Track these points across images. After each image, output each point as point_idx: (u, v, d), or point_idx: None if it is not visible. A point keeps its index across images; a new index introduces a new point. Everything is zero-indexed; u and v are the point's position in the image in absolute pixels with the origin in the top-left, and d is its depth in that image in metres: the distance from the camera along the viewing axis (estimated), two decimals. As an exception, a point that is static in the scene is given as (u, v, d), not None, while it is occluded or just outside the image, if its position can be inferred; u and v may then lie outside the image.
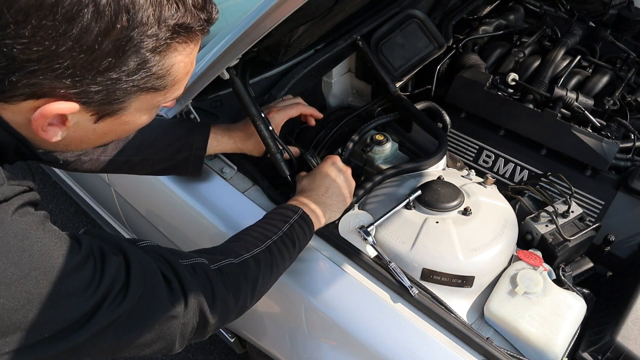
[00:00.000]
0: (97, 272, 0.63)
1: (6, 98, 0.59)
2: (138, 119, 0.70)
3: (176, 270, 0.73)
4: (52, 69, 0.56)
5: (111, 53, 0.58)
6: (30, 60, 0.55)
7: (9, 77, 0.56)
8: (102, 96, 0.61)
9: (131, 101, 0.65)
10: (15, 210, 0.58)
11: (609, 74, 1.50)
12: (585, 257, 1.17)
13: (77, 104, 0.61)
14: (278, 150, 1.15)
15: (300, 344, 1.12)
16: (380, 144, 1.30)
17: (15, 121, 0.62)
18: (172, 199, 1.25)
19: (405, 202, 1.06)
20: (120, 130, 0.70)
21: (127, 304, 0.65)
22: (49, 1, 0.53)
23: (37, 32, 0.54)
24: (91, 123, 0.65)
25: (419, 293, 0.95)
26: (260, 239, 0.89)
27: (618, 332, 0.92)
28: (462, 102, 1.44)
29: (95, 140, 0.70)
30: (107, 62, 0.58)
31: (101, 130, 0.67)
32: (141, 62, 0.60)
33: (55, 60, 0.56)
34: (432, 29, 1.38)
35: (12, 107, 0.60)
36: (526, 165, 1.35)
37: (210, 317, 0.76)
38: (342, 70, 1.59)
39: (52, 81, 0.57)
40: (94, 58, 0.57)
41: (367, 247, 1.03)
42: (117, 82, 0.61)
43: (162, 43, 0.61)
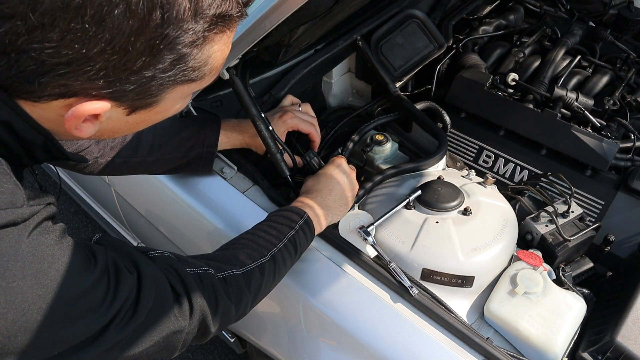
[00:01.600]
0: (111, 290, 0.62)
1: (36, 98, 0.58)
2: (171, 107, 0.68)
3: (185, 283, 0.73)
4: (84, 71, 0.55)
5: (145, 52, 0.56)
6: (60, 64, 0.54)
7: (38, 79, 0.55)
8: (136, 93, 0.60)
9: (166, 93, 0.63)
10: (31, 231, 0.56)
11: (609, 74, 1.50)
12: (585, 257, 1.17)
13: (109, 102, 0.59)
14: (278, 150, 1.15)
15: (300, 344, 1.12)
16: (380, 144, 1.30)
17: (45, 117, 0.61)
18: (172, 199, 1.25)
19: (405, 202, 1.06)
20: (153, 119, 0.68)
21: (136, 321, 0.65)
22: (75, 3, 0.51)
23: (65, 36, 0.52)
24: (124, 116, 0.63)
25: (419, 293, 0.95)
26: (265, 246, 0.89)
27: (618, 332, 0.92)
28: (462, 102, 1.44)
29: (127, 130, 0.69)
30: (141, 62, 0.56)
31: (134, 121, 0.66)
32: (177, 57, 0.58)
33: (87, 63, 0.54)
34: (432, 29, 1.38)
35: (42, 105, 0.59)
36: (526, 165, 1.35)
37: (212, 325, 0.77)
38: (342, 70, 1.59)
39: (83, 83, 0.56)
40: (128, 59, 0.55)
41: (367, 247, 1.03)
42: (151, 80, 0.59)
43: (200, 37, 0.59)
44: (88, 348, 0.61)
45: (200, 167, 1.14)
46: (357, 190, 1.11)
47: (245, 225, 1.12)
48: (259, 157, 1.27)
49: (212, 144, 1.12)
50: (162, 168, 1.14)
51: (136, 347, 0.67)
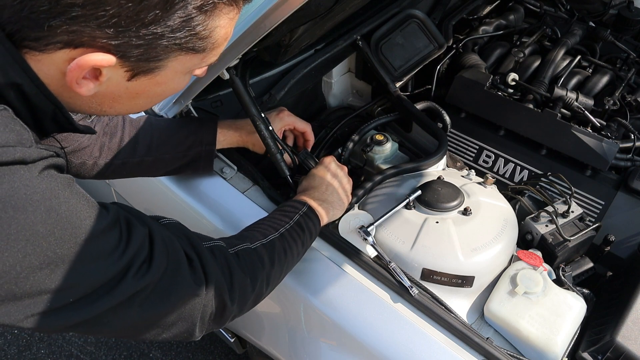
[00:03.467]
0: (123, 239, 0.61)
1: (42, 46, 0.57)
2: (171, 81, 0.68)
3: (198, 251, 0.72)
4: (96, 16, 0.54)
5: (159, 5, 0.56)
6: (74, 5, 0.53)
7: (48, 22, 0.54)
8: (142, 51, 0.59)
9: (169, 60, 0.63)
10: (41, 171, 0.56)
11: (609, 74, 1.50)
12: (585, 257, 1.17)
13: (114, 57, 0.58)
14: (278, 150, 1.15)
15: (300, 344, 1.12)
16: (380, 144, 1.30)
17: (49, 74, 0.60)
18: (172, 199, 1.25)
19: (405, 202, 1.06)
20: (153, 93, 0.68)
21: (152, 276, 0.63)
22: None
23: None
24: (124, 80, 0.63)
25: (419, 293, 0.95)
26: (273, 226, 0.90)
27: (618, 332, 0.92)
28: (462, 102, 1.44)
29: (126, 100, 0.67)
30: (154, 15, 0.56)
31: (134, 89, 0.65)
32: (187, 18, 0.59)
33: (102, 6, 0.54)
34: (432, 29, 1.38)
35: (46, 58, 0.58)
36: (526, 165, 1.35)
37: (229, 301, 0.75)
38: (342, 70, 1.59)
39: (93, 29, 0.55)
40: (142, 8, 0.55)
41: (367, 247, 1.03)
42: (159, 38, 0.59)
43: (210, 2, 0.59)
44: (104, 298, 0.59)
45: (201, 166, 1.14)
46: (351, 185, 1.11)
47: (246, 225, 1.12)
48: (259, 157, 1.27)
49: (210, 142, 1.12)
50: (162, 169, 1.14)
51: (154, 307, 0.65)
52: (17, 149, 0.54)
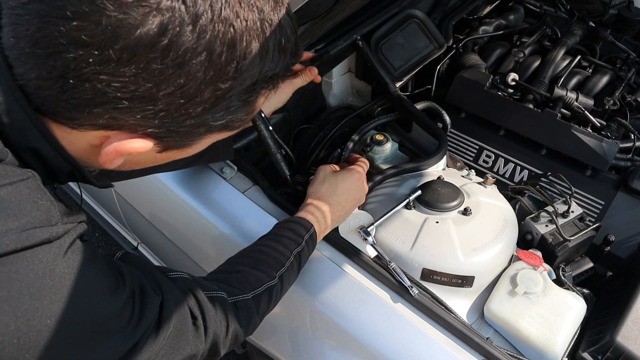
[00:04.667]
0: (136, 312, 0.61)
1: (76, 125, 0.56)
2: (198, 150, 0.67)
3: (202, 307, 0.73)
4: (143, 109, 0.54)
5: (209, 100, 0.56)
6: (122, 98, 0.52)
7: (90, 108, 0.53)
8: (181, 136, 0.59)
9: (205, 139, 0.63)
10: (66, 251, 0.55)
11: (609, 74, 1.50)
12: (585, 257, 1.17)
13: (152, 141, 0.58)
14: (278, 150, 1.15)
15: (300, 344, 1.12)
16: (380, 144, 1.30)
17: (74, 145, 0.59)
18: (172, 199, 1.25)
19: (405, 202, 1.06)
20: (178, 157, 0.67)
21: (158, 344, 0.64)
22: (162, 43, 0.49)
23: (139, 73, 0.51)
24: (154, 153, 0.62)
25: (419, 293, 0.95)
26: (273, 266, 0.89)
27: (618, 332, 0.92)
28: (462, 102, 1.44)
29: (149, 164, 0.67)
30: (202, 109, 0.56)
31: (161, 158, 0.65)
32: (232, 109, 0.59)
33: (151, 102, 0.53)
34: (432, 29, 1.38)
35: (76, 133, 0.57)
36: (526, 165, 1.35)
37: (221, 348, 0.78)
38: (342, 70, 1.59)
39: (137, 120, 0.55)
40: (191, 104, 0.55)
41: (367, 247, 1.03)
42: (201, 125, 0.59)
43: (257, 93, 0.60)
44: None
45: (220, 154, 1.12)
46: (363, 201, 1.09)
47: (246, 225, 1.13)
48: (259, 157, 1.27)
49: None
50: (180, 165, 1.11)
51: None
52: (43, 229, 0.52)
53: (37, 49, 0.50)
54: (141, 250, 1.89)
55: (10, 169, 0.53)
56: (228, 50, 0.53)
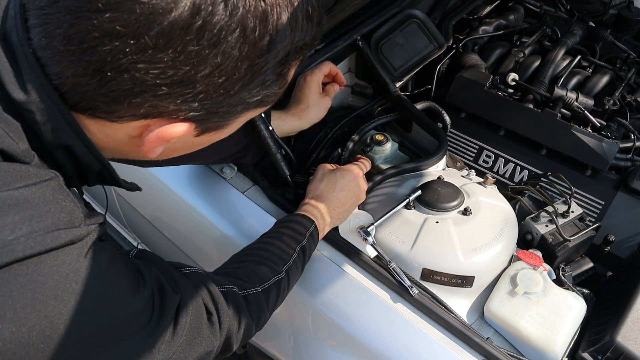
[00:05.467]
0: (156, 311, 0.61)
1: (115, 117, 0.55)
2: (234, 129, 0.67)
3: (216, 303, 0.74)
4: (183, 93, 0.54)
5: (246, 77, 0.56)
6: (161, 85, 0.52)
7: (129, 99, 0.53)
8: (219, 116, 0.59)
9: (240, 117, 0.63)
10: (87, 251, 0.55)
11: (609, 74, 1.50)
12: (585, 257, 1.17)
13: (192, 124, 0.58)
14: (278, 150, 1.15)
15: (300, 344, 1.12)
16: (380, 144, 1.29)
17: (113, 138, 0.59)
18: (172, 199, 1.25)
19: (405, 202, 1.06)
20: (213, 140, 0.67)
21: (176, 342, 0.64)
22: (197, 24, 0.49)
23: (177, 57, 0.50)
24: (192, 137, 0.63)
25: (419, 293, 0.95)
26: (281, 258, 0.89)
27: (618, 332, 0.92)
28: (462, 102, 1.44)
29: (186, 151, 0.67)
30: (239, 86, 0.56)
31: (198, 142, 0.65)
32: (267, 83, 0.59)
33: (190, 85, 0.53)
34: (432, 29, 1.38)
35: (116, 126, 0.57)
36: (526, 165, 1.35)
37: (234, 343, 0.78)
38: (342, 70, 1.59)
39: (177, 104, 0.54)
40: (229, 82, 0.55)
41: (367, 247, 1.03)
42: (240, 103, 0.59)
43: (289, 65, 0.60)
44: None
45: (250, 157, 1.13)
46: (363, 198, 1.09)
47: (246, 225, 1.13)
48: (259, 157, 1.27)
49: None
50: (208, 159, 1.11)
51: None
52: (67, 231, 0.52)
53: (71, 45, 0.49)
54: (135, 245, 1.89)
55: (34, 170, 0.53)
56: (260, 24, 0.53)
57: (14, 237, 0.48)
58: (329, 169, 1.09)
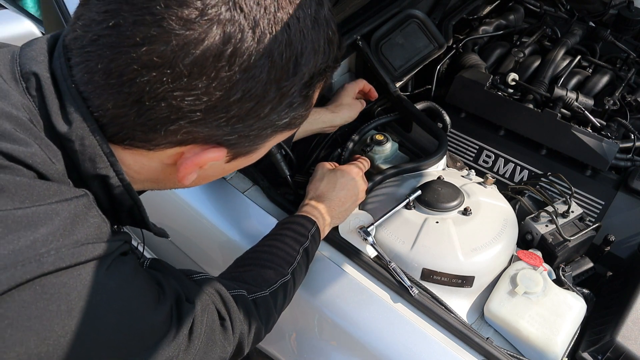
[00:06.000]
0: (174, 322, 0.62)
1: (152, 146, 0.58)
2: (261, 154, 0.69)
3: (228, 308, 0.74)
4: (217, 118, 0.56)
5: (275, 100, 0.58)
6: (196, 111, 0.55)
7: (166, 127, 0.55)
8: (250, 140, 0.62)
9: (270, 140, 0.65)
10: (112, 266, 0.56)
11: (609, 74, 1.50)
12: (585, 257, 1.17)
13: (226, 149, 0.60)
14: (278, 150, 1.15)
15: (300, 343, 1.12)
16: (380, 144, 1.30)
17: (147, 167, 0.62)
18: (171, 199, 1.25)
19: (405, 202, 1.06)
20: (241, 166, 0.69)
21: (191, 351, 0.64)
22: (228, 51, 0.52)
23: (210, 84, 0.53)
24: (224, 163, 0.65)
25: (419, 293, 0.95)
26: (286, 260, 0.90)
27: (618, 332, 0.92)
28: (462, 102, 1.44)
29: (214, 177, 0.70)
30: (269, 108, 0.58)
31: (228, 169, 0.67)
32: (294, 105, 0.61)
33: (223, 110, 0.55)
34: (432, 29, 1.38)
35: (152, 155, 0.60)
36: (526, 165, 1.35)
37: (246, 347, 0.79)
38: (342, 70, 1.59)
39: (212, 130, 0.57)
40: (260, 106, 0.57)
41: (367, 247, 1.03)
42: (269, 126, 0.61)
43: (314, 87, 0.62)
44: None
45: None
46: (362, 197, 1.10)
47: (246, 225, 1.12)
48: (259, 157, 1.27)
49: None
50: None
51: None
52: (95, 245, 0.54)
53: (112, 79, 0.53)
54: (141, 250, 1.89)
55: (66, 187, 0.55)
56: (286, 48, 0.56)
57: (45, 250, 0.49)
58: (328, 167, 1.10)
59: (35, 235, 0.49)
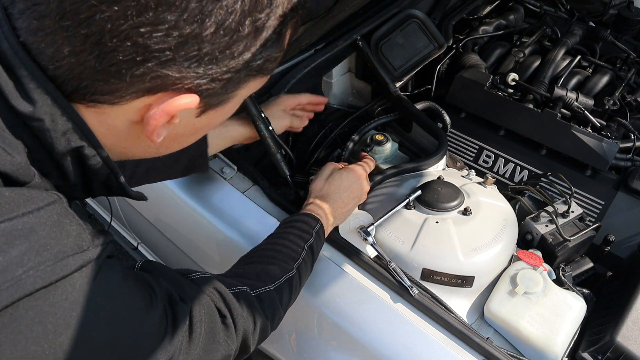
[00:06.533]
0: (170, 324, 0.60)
1: (116, 98, 0.52)
2: (233, 109, 0.64)
3: (229, 305, 0.72)
4: (189, 57, 0.50)
5: (249, 35, 0.53)
6: (166, 49, 0.49)
7: (132, 71, 0.49)
8: (224, 84, 0.56)
9: (242, 88, 0.60)
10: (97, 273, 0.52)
11: (609, 74, 1.50)
12: (585, 257, 1.17)
13: (199, 96, 0.54)
14: (278, 150, 1.15)
15: (300, 343, 1.12)
16: (380, 144, 1.30)
17: (114, 127, 0.56)
18: (171, 199, 1.25)
19: (405, 202, 1.06)
20: (214, 124, 0.64)
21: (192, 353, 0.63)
22: None
23: (180, 16, 0.48)
24: (193, 117, 0.59)
25: (419, 293, 0.95)
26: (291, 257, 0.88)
27: (618, 332, 0.92)
28: (462, 102, 1.44)
29: (186, 137, 0.64)
30: (243, 45, 0.53)
31: (198, 125, 0.62)
32: (268, 43, 0.56)
33: (195, 45, 0.50)
34: (432, 29, 1.38)
35: (117, 110, 0.54)
36: (526, 165, 1.35)
37: (251, 344, 0.77)
38: (342, 70, 1.59)
39: (183, 71, 0.51)
40: (233, 41, 0.52)
41: (367, 247, 1.03)
42: (243, 69, 0.56)
43: (287, 25, 0.57)
44: None
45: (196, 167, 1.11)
46: (364, 199, 1.10)
47: (246, 226, 1.13)
48: (259, 157, 1.27)
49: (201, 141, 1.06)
50: (157, 177, 1.10)
51: None
52: (76, 257, 0.50)
53: (66, 20, 0.47)
54: (141, 250, 1.90)
55: (36, 192, 0.50)
56: None
57: (23, 271, 0.46)
58: (334, 168, 1.09)
59: (11, 255, 0.45)
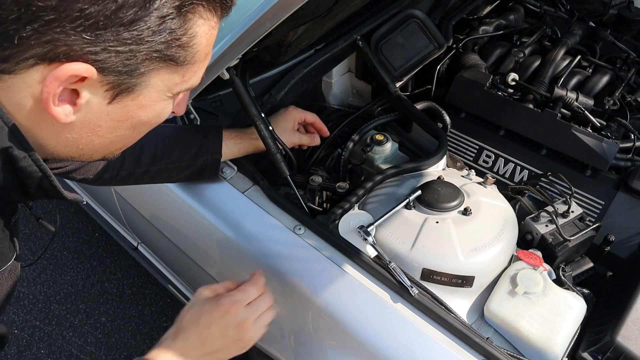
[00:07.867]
0: None
1: (13, 65, 0.52)
2: (155, 104, 0.62)
3: None
4: (72, 17, 0.50)
5: (138, 3, 0.52)
6: (46, 8, 0.49)
7: (19, 33, 0.49)
8: (122, 59, 0.55)
9: (150, 75, 0.59)
10: None
11: (609, 74, 1.50)
12: (585, 257, 1.17)
13: (94, 67, 0.54)
14: (278, 150, 1.15)
15: (301, 344, 1.12)
16: (380, 144, 1.30)
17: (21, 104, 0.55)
18: (172, 199, 1.25)
19: (405, 202, 1.06)
20: (136, 120, 0.62)
21: None
22: None
23: None
24: (105, 103, 0.58)
25: (419, 293, 0.95)
26: None
27: (618, 332, 0.92)
28: (462, 102, 1.44)
29: (107, 131, 0.62)
30: (133, 13, 0.52)
31: (115, 115, 0.60)
32: (166, 19, 0.55)
33: (77, 5, 0.50)
34: (432, 29, 1.38)
35: (17, 82, 0.53)
36: (526, 165, 1.35)
37: None
38: (342, 70, 1.59)
39: (69, 35, 0.51)
40: (120, 5, 0.51)
41: (367, 247, 1.03)
42: (139, 42, 0.55)
43: (188, 2, 0.56)
44: None
45: (206, 175, 1.14)
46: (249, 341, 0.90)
47: (246, 225, 1.13)
48: (259, 157, 1.27)
49: (216, 151, 1.11)
50: (167, 178, 1.12)
51: None
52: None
53: None
54: (141, 250, 1.90)
55: None
56: None
57: None
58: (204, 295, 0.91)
59: None
